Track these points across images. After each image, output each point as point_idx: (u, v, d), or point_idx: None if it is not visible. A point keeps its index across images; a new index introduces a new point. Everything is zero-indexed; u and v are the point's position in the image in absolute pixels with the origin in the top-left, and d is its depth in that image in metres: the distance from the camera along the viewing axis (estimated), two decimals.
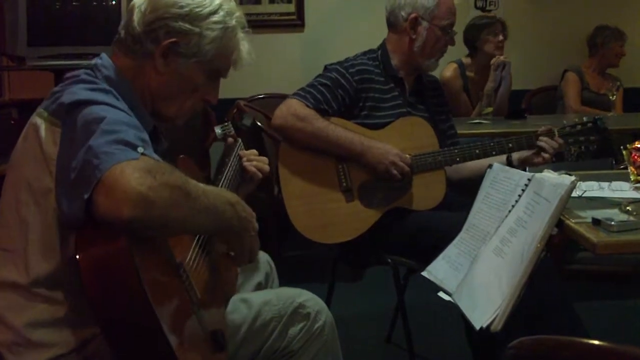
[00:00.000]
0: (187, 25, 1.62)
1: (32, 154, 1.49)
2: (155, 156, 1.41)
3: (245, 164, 2.05)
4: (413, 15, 2.66)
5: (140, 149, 1.36)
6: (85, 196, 1.32)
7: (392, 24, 2.74)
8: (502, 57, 4.39)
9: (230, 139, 2.06)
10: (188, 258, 1.58)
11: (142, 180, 1.30)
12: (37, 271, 1.46)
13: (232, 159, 2.00)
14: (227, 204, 1.52)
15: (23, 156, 1.51)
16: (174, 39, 1.62)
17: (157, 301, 1.34)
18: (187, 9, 1.63)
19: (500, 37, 4.44)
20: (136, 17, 1.62)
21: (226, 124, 2.07)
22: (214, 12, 1.66)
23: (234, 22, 1.70)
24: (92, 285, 1.33)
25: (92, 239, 1.35)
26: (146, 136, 1.46)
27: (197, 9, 1.64)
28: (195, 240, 1.66)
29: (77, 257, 1.34)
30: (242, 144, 2.09)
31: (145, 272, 1.34)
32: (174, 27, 1.62)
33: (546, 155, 2.53)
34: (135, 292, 1.32)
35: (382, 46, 2.77)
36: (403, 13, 2.68)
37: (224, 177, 1.92)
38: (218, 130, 2.05)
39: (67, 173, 1.38)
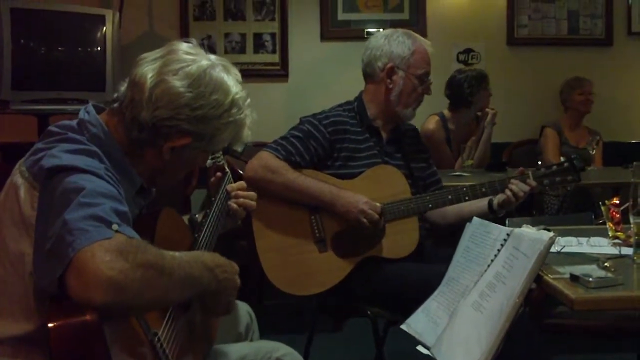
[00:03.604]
0: (201, 126, 1.59)
1: (10, 214, 1.46)
2: (131, 232, 1.38)
3: (231, 202, 1.98)
4: (389, 65, 2.71)
5: (115, 226, 1.34)
6: (57, 275, 1.30)
7: (369, 74, 2.78)
8: (489, 109, 4.48)
9: (218, 174, 1.97)
10: (164, 324, 1.52)
11: (113, 264, 1.28)
12: (15, 330, 1.44)
13: (218, 197, 1.92)
14: (205, 269, 1.50)
15: (3, 214, 1.48)
16: (186, 141, 1.60)
17: None
18: (202, 111, 1.58)
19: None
20: (147, 104, 1.55)
21: (217, 154, 1.97)
22: (229, 109, 1.62)
23: (245, 112, 1.68)
24: (61, 357, 1.30)
25: (64, 308, 1.32)
26: (124, 207, 1.42)
27: (212, 110, 1.59)
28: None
29: (49, 326, 1.31)
30: (230, 177, 2.01)
31: (115, 347, 1.32)
32: (187, 129, 1.58)
33: (513, 199, 2.53)
34: None
35: (359, 97, 2.81)
36: (380, 64, 2.73)
37: (207, 223, 1.83)
38: (208, 160, 1.94)
39: (43, 241, 1.36)
